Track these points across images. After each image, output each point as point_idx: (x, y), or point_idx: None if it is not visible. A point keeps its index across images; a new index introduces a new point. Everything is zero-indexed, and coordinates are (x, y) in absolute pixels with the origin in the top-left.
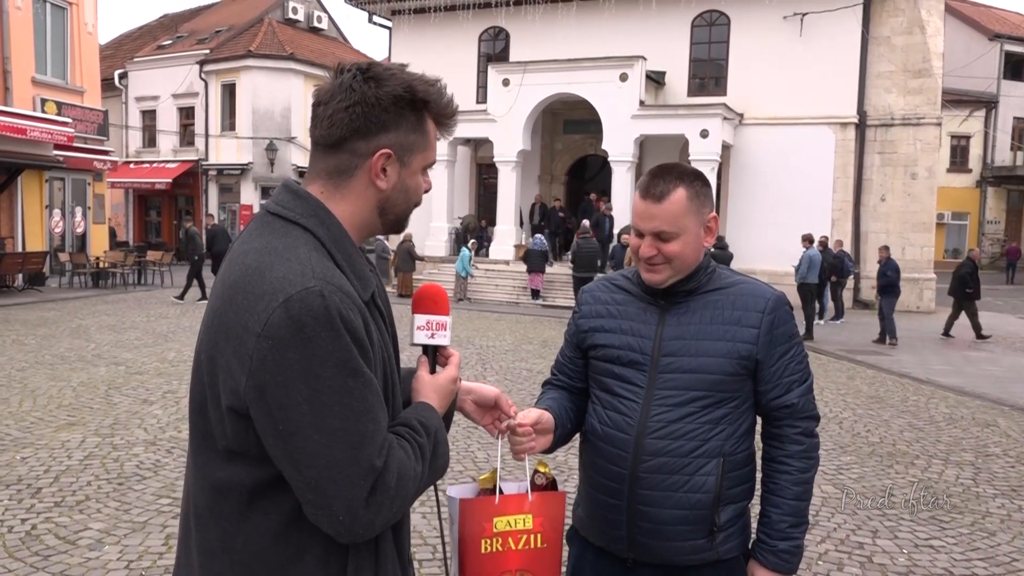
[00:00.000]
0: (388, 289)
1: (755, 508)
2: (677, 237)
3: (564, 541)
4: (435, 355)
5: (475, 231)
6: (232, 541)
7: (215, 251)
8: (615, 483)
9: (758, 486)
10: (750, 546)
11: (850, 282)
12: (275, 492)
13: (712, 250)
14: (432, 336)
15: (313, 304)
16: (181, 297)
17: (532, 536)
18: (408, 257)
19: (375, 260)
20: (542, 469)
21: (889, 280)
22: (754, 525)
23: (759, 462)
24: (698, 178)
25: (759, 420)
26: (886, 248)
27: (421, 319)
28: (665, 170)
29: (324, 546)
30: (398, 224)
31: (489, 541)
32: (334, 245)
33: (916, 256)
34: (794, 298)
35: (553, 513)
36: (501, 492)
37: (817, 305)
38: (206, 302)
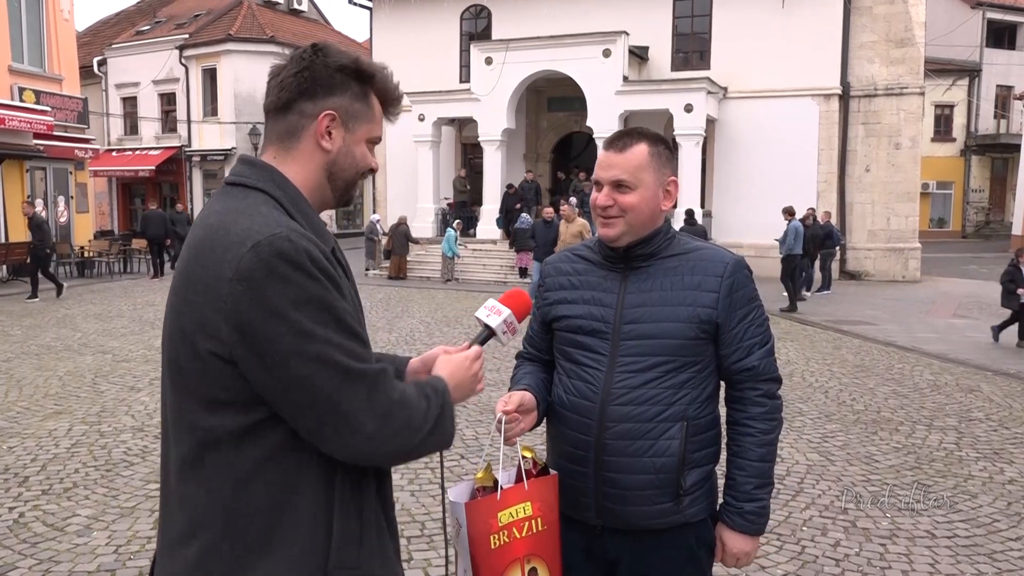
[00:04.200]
0: (377, 272)
1: (722, 472)
2: (634, 189)
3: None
4: (484, 340)
5: (466, 193)
6: (220, 489)
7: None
8: (581, 451)
9: (724, 450)
10: (717, 509)
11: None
12: (261, 437)
13: (684, 225)
14: (488, 316)
15: (282, 246)
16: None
17: (533, 521)
18: (403, 240)
19: (364, 242)
20: (528, 454)
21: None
22: (721, 489)
23: (725, 426)
24: (662, 141)
25: (723, 385)
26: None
27: (491, 302)
28: (631, 128)
29: (312, 488)
30: (347, 193)
31: (497, 536)
32: (292, 205)
33: (901, 226)
34: (777, 270)
35: (548, 496)
36: (500, 487)
37: (804, 276)
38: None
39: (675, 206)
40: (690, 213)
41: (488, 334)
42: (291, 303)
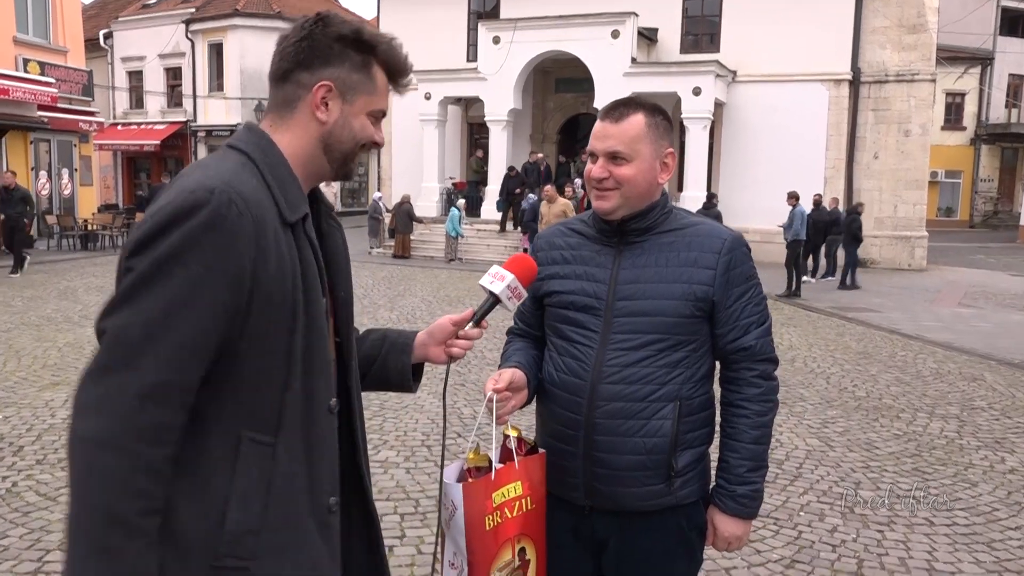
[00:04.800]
0: (381, 251)
1: (715, 454)
2: (630, 161)
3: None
4: (490, 308)
5: (482, 173)
6: None
7: None
8: (571, 430)
9: (718, 432)
10: (709, 491)
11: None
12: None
13: (701, 209)
14: (492, 283)
15: (199, 198)
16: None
17: (523, 501)
18: (407, 218)
19: (367, 221)
20: (514, 432)
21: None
22: (714, 471)
23: (719, 407)
24: (660, 112)
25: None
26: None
27: (496, 268)
28: (628, 98)
29: (210, 468)
30: (345, 165)
31: (491, 517)
32: (268, 168)
33: (908, 214)
34: (782, 256)
35: (537, 474)
36: (495, 468)
37: (811, 263)
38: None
39: (687, 189)
40: (711, 197)
41: (493, 302)
42: (173, 254)
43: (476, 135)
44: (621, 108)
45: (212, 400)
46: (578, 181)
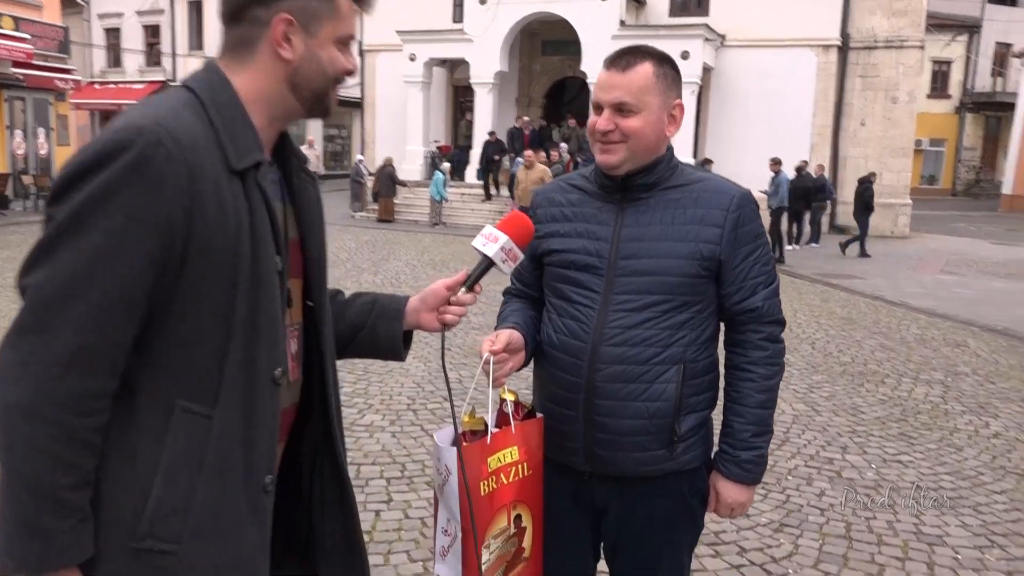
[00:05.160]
0: (364, 214)
1: (718, 419)
2: (637, 113)
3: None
4: (483, 271)
5: (469, 137)
6: None
7: None
8: (571, 393)
9: (721, 396)
10: (712, 457)
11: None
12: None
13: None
14: (484, 244)
15: (124, 139)
16: None
17: (519, 467)
18: (389, 181)
19: (350, 184)
20: (510, 396)
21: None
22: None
23: (722, 371)
24: (668, 61)
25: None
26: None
27: (489, 228)
28: (635, 46)
29: (136, 443)
30: (320, 102)
31: (487, 482)
32: (216, 108)
33: (893, 181)
34: (766, 222)
35: (534, 440)
36: (490, 432)
37: (796, 229)
38: None
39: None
40: (706, 162)
41: (487, 264)
42: (89, 197)
43: (461, 98)
44: (628, 57)
45: (143, 365)
46: (563, 146)
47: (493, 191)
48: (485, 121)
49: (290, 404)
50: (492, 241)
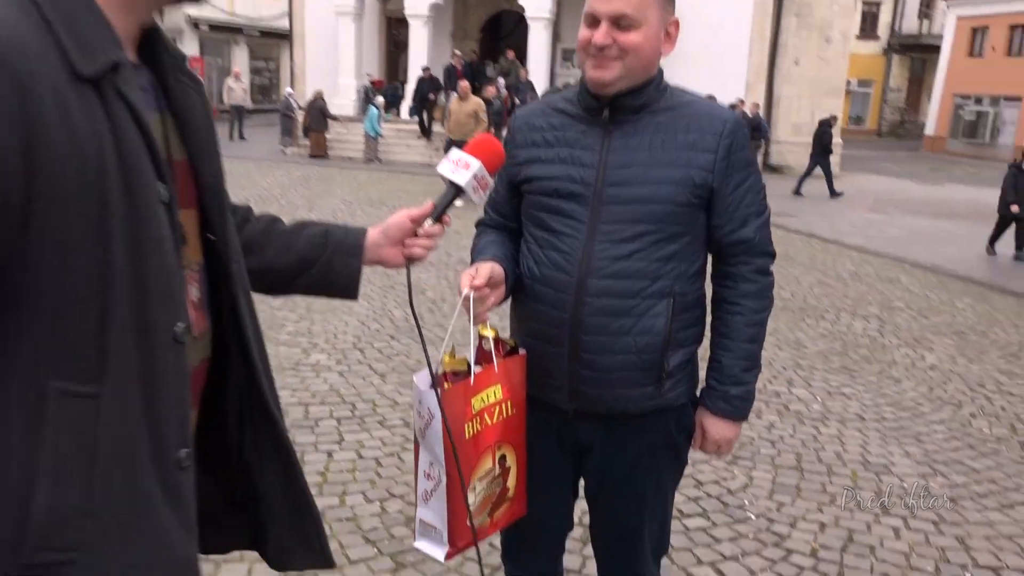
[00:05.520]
0: (295, 150)
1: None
2: (638, 27)
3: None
4: (451, 200)
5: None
6: None
7: None
8: (555, 329)
9: (708, 331)
10: (698, 393)
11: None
12: None
13: None
14: (454, 171)
15: None
16: None
17: (503, 406)
18: (320, 116)
19: (279, 119)
20: (488, 333)
21: None
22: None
23: (709, 305)
24: None
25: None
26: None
27: (457, 153)
28: None
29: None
30: None
31: (471, 424)
32: (52, 3)
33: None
34: None
35: (516, 378)
36: (473, 372)
37: None
38: None
39: None
40: None
41: (455, 193)
42: None
43: (394, 31)
44: None
45: None
46: (501, 81)
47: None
48: (420, 55)
49: (200, 360)
50: (463, 168)
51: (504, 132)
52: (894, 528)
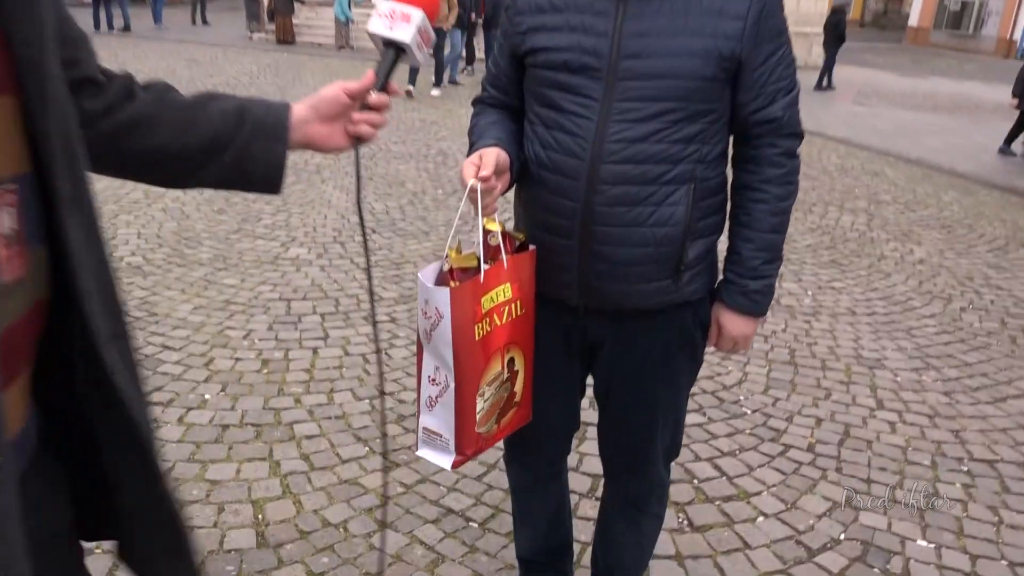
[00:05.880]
0: (262, 35)
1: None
2: None
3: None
4: (393, 64)
5: None
6: None
7: None
8: (565, 220)
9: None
10: (715, 286)
11: None
12: None
13: None
14: (391, 27)
15: None
16: None
17: (512, 305)
18: None
19: (244, 2)
20: (493, 227)
21: None
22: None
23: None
24: None
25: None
26: None
27: (387, 4)
28: None
29: None
30: None
31: (480, 325)
32: None
33: (809, 10)
34: None
35: (526, 275)
36: (483, 269)
37: None
38: None
39: None
40: None
41: (396, 54)
42: None
43: None
44: None
45: None
46: None
47: None
48: None
49: (27, 307)
50: (402, 21)
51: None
52: (890, 423)
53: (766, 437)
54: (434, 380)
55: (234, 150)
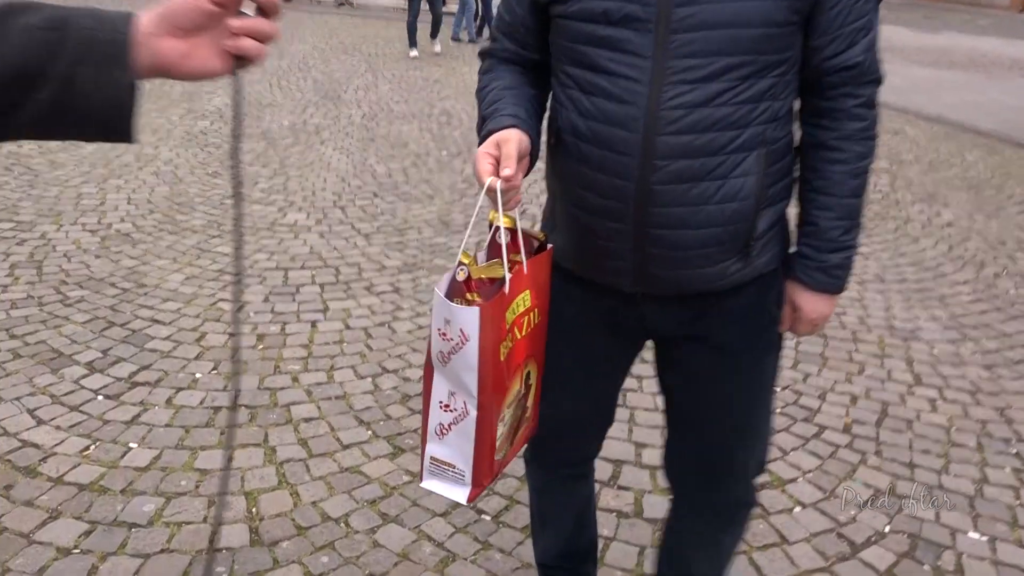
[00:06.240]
0: None
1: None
2: None
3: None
4: None
5: None
6: None
7: None
8: (616, 202)
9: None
10: (787, 262)
11: None
12: None
13: None
14: None
15: None
16: None
17: (531, 315)
18: None
19: None
20: (507, 223)
21: None
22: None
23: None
24: None
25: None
26: None
27: None
28: None
29: None
30: None
31: (505, 343)
32: None
33: None
34: None
35: (542, 279)
36: (508, 279)
37: None
38: None
39: None
40: None
41: None
42: None
43: None
44: None
45: None
46: None
47: None
48: None
49: None
50: None
51: None
52: (930, 400)
53: (799, 417)
54: (448, 407)
55: (53, 83)
